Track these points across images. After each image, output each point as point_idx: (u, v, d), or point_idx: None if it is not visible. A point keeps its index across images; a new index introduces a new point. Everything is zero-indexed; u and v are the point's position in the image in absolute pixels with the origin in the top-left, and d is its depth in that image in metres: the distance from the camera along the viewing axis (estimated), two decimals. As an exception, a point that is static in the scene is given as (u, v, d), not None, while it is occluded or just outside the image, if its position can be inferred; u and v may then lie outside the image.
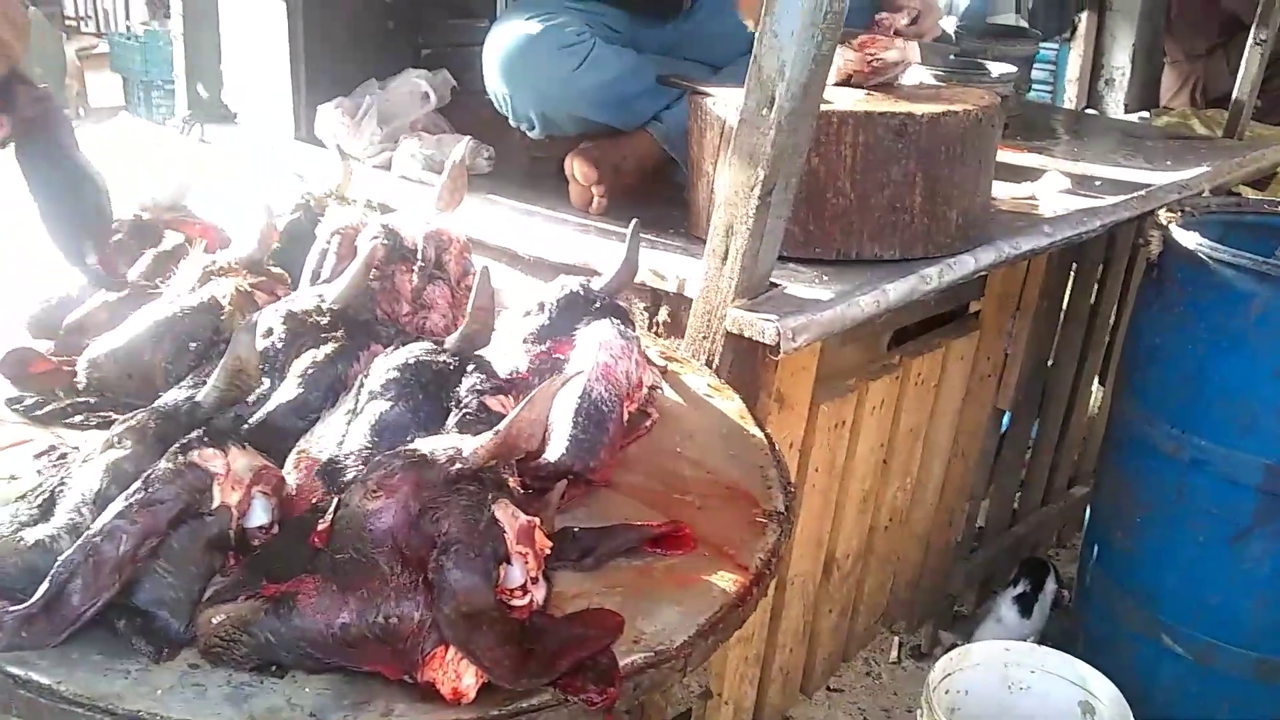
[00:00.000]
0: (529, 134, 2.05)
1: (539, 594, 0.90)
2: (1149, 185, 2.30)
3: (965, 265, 1.71)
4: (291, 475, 1.00)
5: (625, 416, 1.20)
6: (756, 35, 1.40)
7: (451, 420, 1.02)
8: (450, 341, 1.10)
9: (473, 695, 0.82)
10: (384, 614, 0.83)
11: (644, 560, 1.03)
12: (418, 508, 0.87)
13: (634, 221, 1.36)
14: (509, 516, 0.87)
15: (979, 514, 2.64)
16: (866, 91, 1.79)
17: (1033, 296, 2.29)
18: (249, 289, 1.24)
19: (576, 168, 1.98)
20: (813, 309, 1.49)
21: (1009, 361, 2.33)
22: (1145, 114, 4.19)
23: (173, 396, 1.02)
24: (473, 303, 1.10)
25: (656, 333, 1.66)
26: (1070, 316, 2.55)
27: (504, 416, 1.03)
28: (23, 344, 1.25)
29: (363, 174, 2.17)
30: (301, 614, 0.83)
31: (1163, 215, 2.19)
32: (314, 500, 0.98)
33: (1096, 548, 2.37)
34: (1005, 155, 2.57)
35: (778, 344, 1.43)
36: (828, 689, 2.45)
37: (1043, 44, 4.22)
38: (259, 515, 0.92)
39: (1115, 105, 4.82)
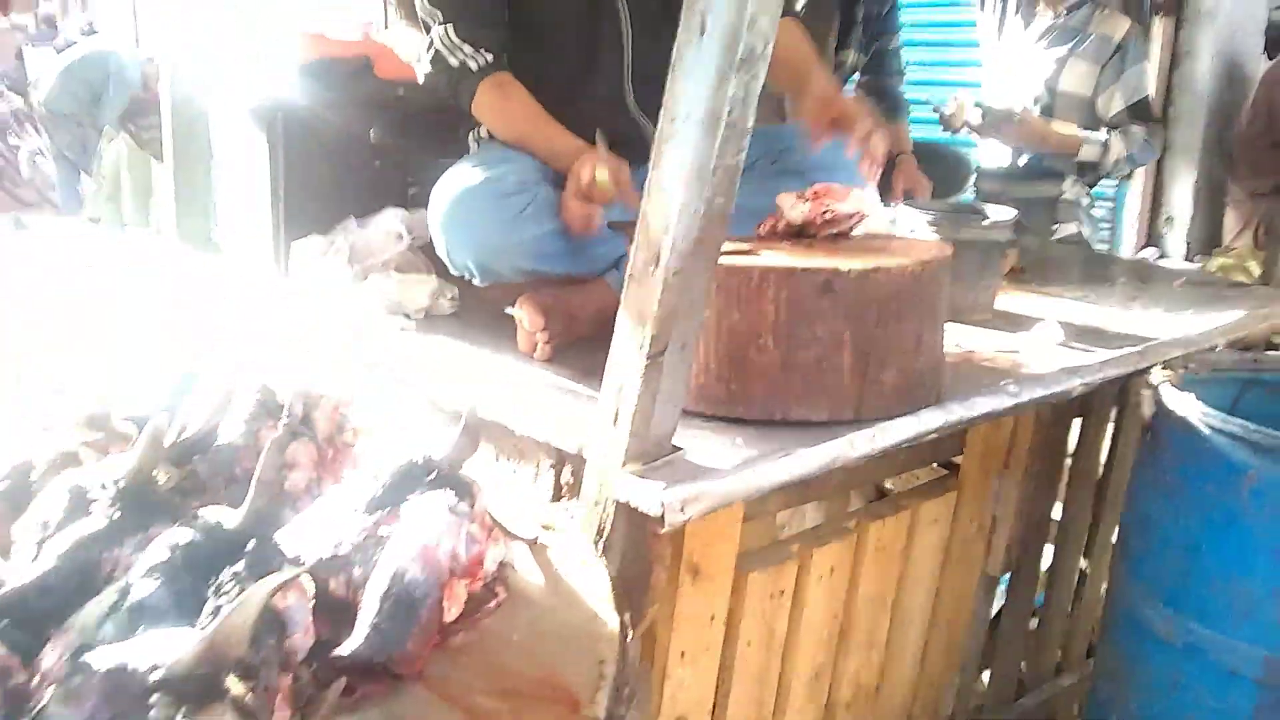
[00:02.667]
0: (472, 283, 2.00)
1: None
2: (1151, 339, 2.15)
3: (903, 429, 1.59)
4: (49, 656, 0.93)
5: (453, 599, 1.10)
6: (644, 191, 1.34)
7: (208, 608, 0.94)
8: (233, 519, 1.03)
9: None
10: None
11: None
12: (106, 718, 0.78)
13: (471, 405, 1.27)
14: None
15: (978, 685, 2.45)
16: (805, 243, 1.71)
17: (1022, 454, 2.14)
18: (75, 449, 1.18)
19: (525, 313, 1.93)
20: (711, 476, 1.38)
21: (998, 523, 2.17)
22: (1192, 261, 4.04)
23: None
24: (256, 477, 1.03)
25: (559, 495, 1.57)
26: (1077, 475, 2.39)
27: (273, 610, 0.95)
28: None
29: (324, 311, 2.15)
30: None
31: (1156, 374, 2.05)
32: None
33: (1096, 731, 2.17)
34: (1012, 301, 2.47)
35: (662, 516, 1.32)
36: None
37: (1104, 181, 4.08)
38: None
39: (1177, 244, 4.63)
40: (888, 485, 2.22)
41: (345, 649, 1.00)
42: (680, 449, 1.44)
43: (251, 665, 0.86)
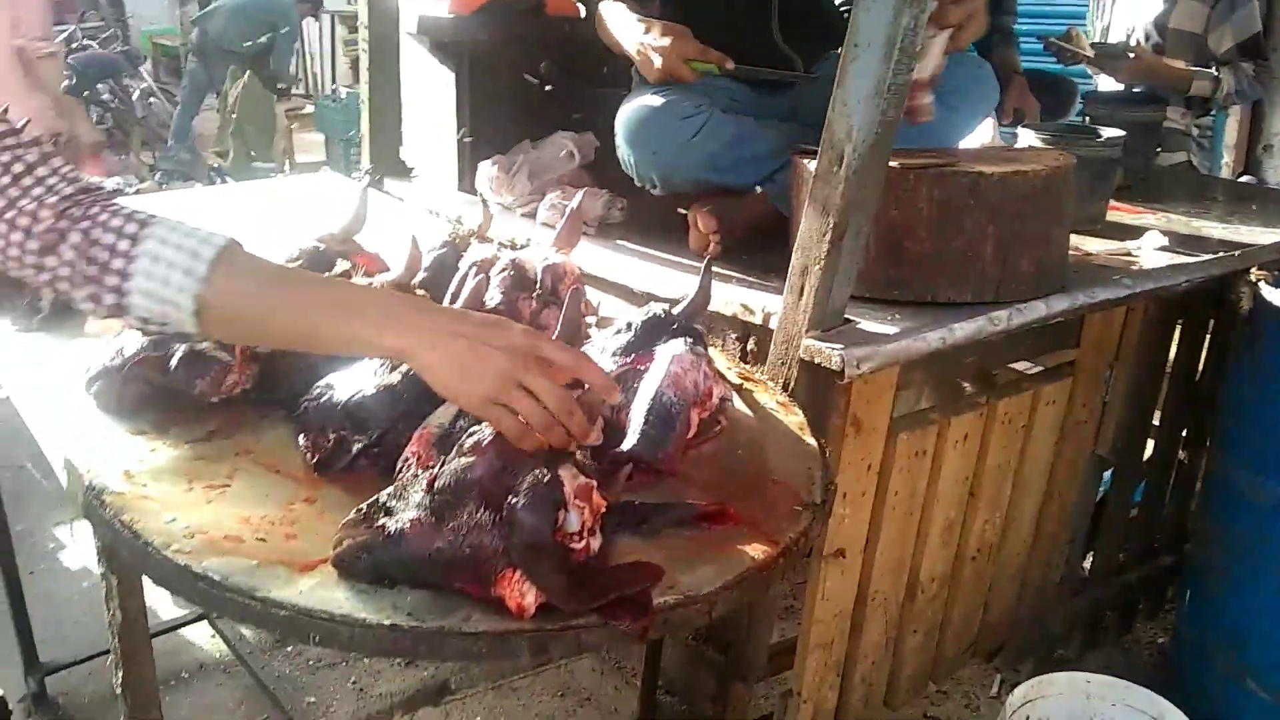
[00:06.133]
0: (652, 192, 2.31)
1: (594, 543, 1.13)
2: (1249, 245, 2.39)
3: (1036, 310, 1.88)
4: (417, 443, 1.27)
5: (694, 420, 1.42)
6: (830, 104, 1.63)
7: (539, 409, 1.27)
8: (545, 347, 1.36)
9: (532, 611, 1.05)
10: (467, 543, 1.07)
11: (693, 531, 1.25)
12: (499, 464, 1.12)
13: (707, 259, 1.60)
14: (569, 476, 1.11)
15: (1084, 560, 2.73)
16: (944, 155, 1.99)
17: (1130, 347, 2.40)
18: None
19: (699, 218, 2.24)
20: (879, 341, 1.69)
21: (1107, 410, 2.45)
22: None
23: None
24: (563, 314, 1.35)
25: (744, 359, 1.88)
26: (1177, 372, 2.64)
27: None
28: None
29: (512, 222, 2.48)
30: (407, 541, 1.09)
31: (1254, 272, 2.29)
32: (431, 461, 1.24)
33: (1190, 593, 2.45)
34: (1119, 215, 2.71)
35: (842, 370, 1.63)
36: (925, 716, 2.59)
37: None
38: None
39: (1274, 171, 4.78)
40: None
41: (625, 446, 1.33)
42: (851, 320, 1.75)
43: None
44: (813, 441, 1.49)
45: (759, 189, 2.30)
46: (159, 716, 1.44)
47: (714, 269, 1.69)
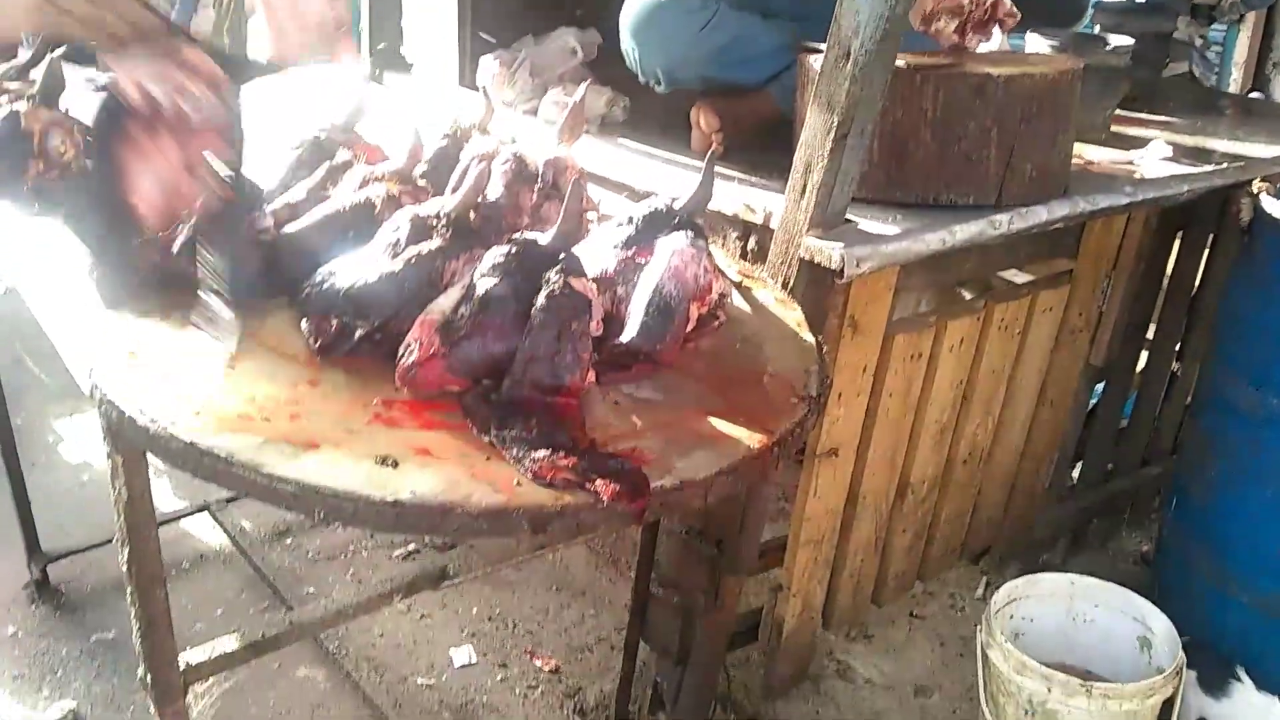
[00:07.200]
0: (656, 89, 2.29)
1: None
2: (1253, 158, 2.39)
3: (1037, 215, 1.88)
4: (416, 329, 1.28)
5: (693, 314, 1.43)
6: (838, -1, 1.61)
7: (541, 295, 1.27)
8: (546, 237, 1.36)
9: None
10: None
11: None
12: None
13: (710, 152, 1.59)
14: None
15: (1073, 468, 2.77)
16: (951, 56, 1.97)
17: (1129, 257, 2.40)
18: (396, 194, 1.52)
19: (701, 116, 2.23)
20: (879, 241, 1.70)
21: (1103, 319, 2.46)
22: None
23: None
24: (565, 206, 1.35)
25: (744, 259, 1.89)
26: (1174, 286, 2.65)
27: (585, 296, 1.29)
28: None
29: (513, 118, 2.46)
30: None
31: (1256, 184, 2.29)
32: (432, 350, 1.25)
33: (1176, 502, 2.49)
34: (1123, 126, 2.69)
35: (842, 269, 1.64)
36: (911, 615, 2.65)
37: (1214, 26, 4.19)
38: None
39: (1284, 90, 4.74)
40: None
41: (624, 337, 1.34)
42: (852, 220, 1.75)
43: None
44: (810, 337, 1.50)
45: (765, 89, 2.28)
46: (164, 594, 1.48)
47: (717, 169, 1.68)
